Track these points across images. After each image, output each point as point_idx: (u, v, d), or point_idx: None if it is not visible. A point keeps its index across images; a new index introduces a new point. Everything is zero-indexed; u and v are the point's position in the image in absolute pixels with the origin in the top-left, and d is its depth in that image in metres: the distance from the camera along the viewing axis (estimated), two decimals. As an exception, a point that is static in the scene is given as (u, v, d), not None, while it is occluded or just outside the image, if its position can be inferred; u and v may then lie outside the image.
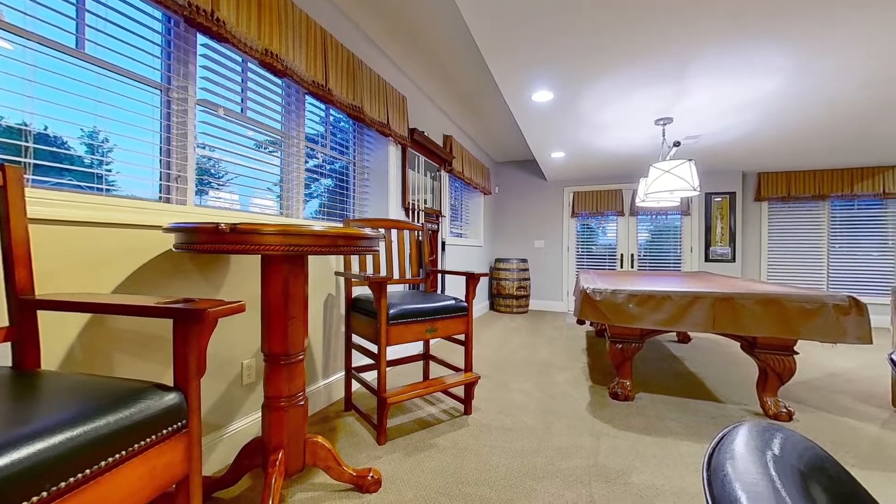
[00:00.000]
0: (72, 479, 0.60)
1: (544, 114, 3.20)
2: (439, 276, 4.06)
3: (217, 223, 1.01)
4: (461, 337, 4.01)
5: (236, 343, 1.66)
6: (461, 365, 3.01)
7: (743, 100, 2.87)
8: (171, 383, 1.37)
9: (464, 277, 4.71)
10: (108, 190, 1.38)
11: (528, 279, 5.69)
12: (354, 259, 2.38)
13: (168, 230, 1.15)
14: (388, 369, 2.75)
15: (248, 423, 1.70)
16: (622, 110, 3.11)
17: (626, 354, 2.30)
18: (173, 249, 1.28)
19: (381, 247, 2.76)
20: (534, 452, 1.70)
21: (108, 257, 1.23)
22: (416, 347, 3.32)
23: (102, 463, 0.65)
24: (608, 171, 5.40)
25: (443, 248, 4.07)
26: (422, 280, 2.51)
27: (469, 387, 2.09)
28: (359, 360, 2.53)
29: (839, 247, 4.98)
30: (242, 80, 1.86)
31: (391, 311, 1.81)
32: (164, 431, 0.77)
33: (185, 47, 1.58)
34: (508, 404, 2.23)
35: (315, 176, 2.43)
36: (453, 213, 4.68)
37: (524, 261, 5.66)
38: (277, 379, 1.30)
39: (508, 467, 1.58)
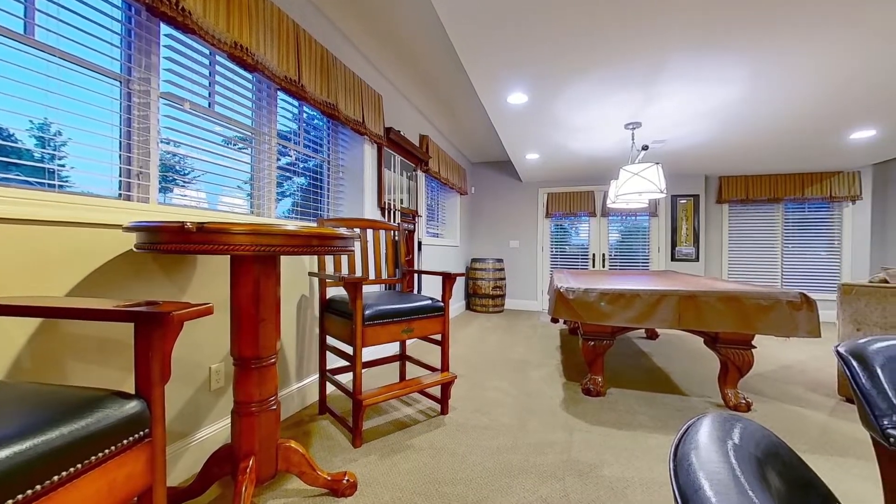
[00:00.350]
0: (20, 497, 0.56)
1: (519, 116, 3.25)
2: (416, 276, 4.05)
3: (183, 222, 0.97)
4: (438, 337, 4.02)
5: (204, 347, 1.59)
6: (438, 365, 3.02)
7: (705, 107, 3.01)
8: (132, 391, 1.30)
9: (440, 277, 4.72)
10: (61, 186, 1.30)
11: (504, 279, 5.76)
12: (329, 259, 2.33)
13: (129, 229, 1.09)
14: (363, 371, 2.72)
15: (216, 430, 1.63)
16: (594, 114, 3.19)
17: (598, 351, 2.37)
18: (134, 250, 1.21)
19: (357, 247, 2.73)
20: (510, 450, 1.72)
21: (62, 258, 1.15)
22: (392, 348, 3.29)
23: (55, 478, 0.61)
24: (581, 173, 5.55)
25: (419, 248, 4.06)
26: (398, 280, 2.49)
27: (446, 386, 2.09)
28: (333, 361, 2.48)
29: (792, 246, 5.31)
30: (210, 73, 1.79)
31: (367, 312, 1.78)
32: (125, 441, 0.73)
33: (147, 37, 1.51)
34: (485, 403, 2.25)
35: (288, 174, 2.37)
36: (430, 213, 4.68)
37: (500, 261, 5.72)
38: (248, 383, 1.26)
39: (485, 465, 1.60)
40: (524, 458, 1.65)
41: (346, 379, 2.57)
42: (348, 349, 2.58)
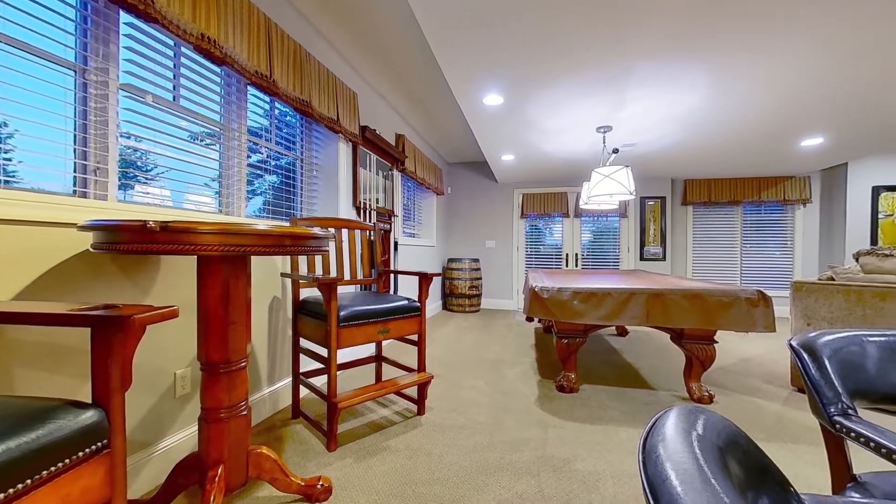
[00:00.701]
0: (-40, 518, 0.52)
1: (495, 117, 3.28)
2: (392, 276, 4.02)
3: (145, 221, 0.92)
4: (414, 337, 4.00)
5: (168, 352, 1.52)
6: (414, 365, 3.00)
7: (671, 113, 3.14)
8: (89, 399, 1.22)
9: (417, 277, 4.71)
10: (7, 182, 1.20)
11: (480, 278, 5.81)
12: (302, 260, 2.28)
13: (84, 228, 1.03)
14: (338, 373, 2.67)
15: (182, 439, 1.56)
16: (567, 117, 3.27)
17: (572, 349, 2.43)
18: (91, 250, 1.14)
19: (331, 247, 2.68)
20: (485, 448, 1.74)
21: (8, 259, 1.07)
22: (367, 349, 3.25)
23: (1, 496, 0.56)
24: (555, 175, 5.66)
25: (395, 248, 4.03)
26: (374, 280, 2.47)
27: (422, 387, 2.09)
28: (307, 364, 2.43)
29: (750, 246, 5.62)
30: (175, 65, 1.72)
31: (342, 313, 1.76)
32: (81, 454, 0.69)
33: (105, 25, 1.42)
34: (461, 402, 2.26)
35: (259, 172, 2.30)
36: (406, 213, 4.65)
37: (476, 260, 5.76)
38: (216, 388, 1.21)
39: (461, 464, 1.60)
40: (500, 456, 1.67)
41: (320, 382, 2.52)
42: (322, 351, 2.53)
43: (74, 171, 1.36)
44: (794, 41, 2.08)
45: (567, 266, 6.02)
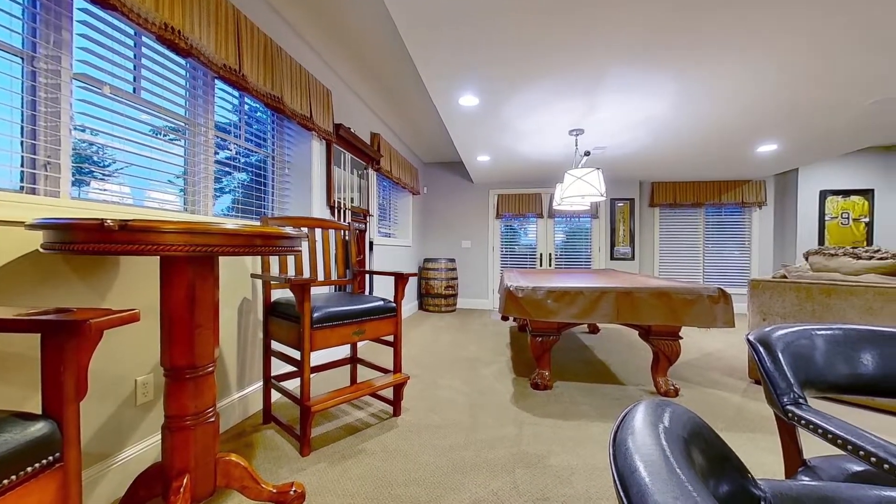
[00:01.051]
0: None
1: (470, 118, 3.31)
2: (367, 276, 3.97)
3: (102, 219, 0.87)
4: (390, 338, 3.97)
5: (128, 358, 1.44)
6: (390, 366, 2.98)
7: (639, 117, 3.26)
8: (39, 410, 1.14)
9: (392, 278, 4.67)
10: (-57, 176, 1.11)
11: (456, 278, 5.83)
12: (274, 260, 2.22)
13: (34, 227, 0.96)
14: (311, 376, 2.61)
15: (144, 449, 1.49)
16: (541, 119, 3.33)
17: (546, 346, 2.48)
18: (41, 250, 1.07)
19: (304, 247, 2.61)
20: (462, 447, 1.75)
21: (-55, 260, 0.98)
22: (342, 351, 3.20)
23: (-64, 518, 0.52)
24: (529, 176, 5.76)
25: (371, 248, 3.98)
26: (349, 281, 2.43)
27: (398, 388, 2.07)
28: (279, 367, 2.36)
29: (711, 246, 5.92)
30: (136, 55, 1.63)
31: (315, 315, 1.72)
32: (30, 469, 0.64)
33: (56, 9, 1.33)
34: (438, 402, 2.26)
35: (227, 169, 2.21)
36: (382, 213, 4.61)
37: (452, 260, 5.78)
38: (182, 395, 1.16)
39: (437, 464, 1.60)
40: (476, 455, 1.68)
41: (292, 385, 2.46)
42: (295, 354, 2.46)
43: (22, 166, 1.27)
44: (752, 56, 2.20)
45: (541, 266, 6.13)
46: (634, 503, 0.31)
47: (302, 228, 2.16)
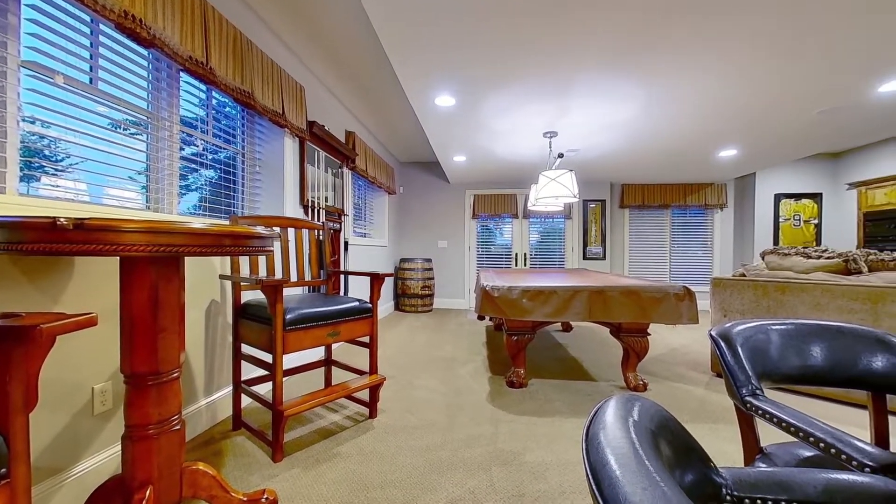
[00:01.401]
0: None
1: (447, 118, 3.31)
2: (342, 277, 3.90)
3: (55, 217, 0.82)
4: (366, 339, 3.92)
5: (85, 365, 1.36)
6: (366, 368, 2.94)
7: (610, 121, 3.37)
8: (-19, 424, 1.05)
9: (368, 278, 4.61)
10: None
11: (433, 278, 5.83)
12: (244, 261, 2.14)
13: (-25, 225, 0.89)
14: (284, 379, 2.54)
15: (102, 461, 1.40)
16: (516, 121, 3.38)
17: (521, 345, 2.51)
18: (-16, 250, 0.99)
19: (276, 247, 2.54)
20: (439, 447, 1.75)
21: None
22: (316, 353, 3.13)
23: None
24: (505, 176, 5.83)
25: (346, 248, 3.92)
26: (323, 282, 2.39)
27: (374, 389, 2.05)
28: (249, 371, 2.29)
29: (677, 246, 6.18)
30: (93, 44, 1.53)
31: (288, 316, 1.68)
32: (-29, 487, 0.59)
33: (2, -8, 1.24)
34: (414, 402, 2.25)
35: (194, 166, 2.12)
36: (357, 213, 4.54)
37: (428, 260, 5.77)
38: (144, 403, 1.10)
39: (414, 465, 1.60)
40: (453, 454, 1.69)
41: (264, 390, 2.38)
42: (267, 357, 2.39)
43: (-39, 159, 1.17)
44: (713, 65, 2.32)
45: (517, 265, 6.22)
46: (606, 495, 0.32)
47: (274, 228, 2.10)
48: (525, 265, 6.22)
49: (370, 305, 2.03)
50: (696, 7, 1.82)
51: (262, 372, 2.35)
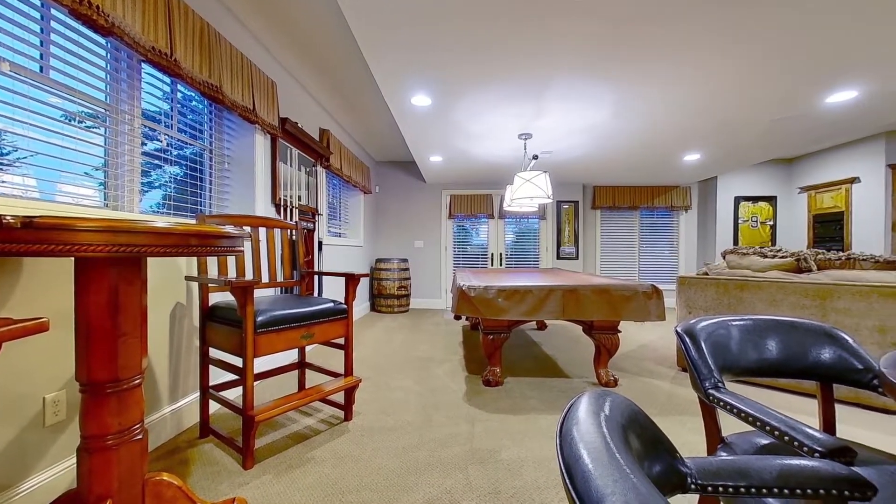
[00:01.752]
0: None
1: (423, 118, 3.31)
2: (316, 277, 3.82)
3: (1, 215, 0.76)
4: (341, 341, 3.85)
5: (35, 373, 1.27)
6: (341, 369, 2.89)
7: (583, 125, 3.46)
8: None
9: (343, 278, 4.54)
10: None
11: (409, 279, 5.80)
12: (213, 261, 2.06)
13: None
14: (255, 383, 2.47)
15: (55, 475, 1.31)
16: (492, 123, 3.41)
17: (497, 344, 2.54)
18: (-83, 251, 0.91)
19: (247, 247, 2.46)
20: (415, 447, 1.74)
21: None
22: (289, 356, 3.06)
23: None
24: (481, 177, 5.88)
25: (320, 249, 3.84)
26: (296, 283, 2.33)
27: (349, 391, 2.02)
28: (218, 376, 2.20)
29: (646, 246, 6.42)
30: (43, 30, 1.44)
31: (259, 319, 1.63)
32: None
33: (-62, -30, 1.14)
34: (390, 404, 2.23)
35: (157, 162, 2.02)
36: (332, 212, 4.46)
37: (405, 260, 5.74)
38: (102, 412, 1.04)
39: (390, 467, 1.59)
40: (429, 454, 1.69)
41: (233, 395, 2.30)
42: (237, 361, 2.31)
43: None
44: (677, 74, 2.42)
45: (492, 265, 6.28)
46: (579, 488, 0.33)
47: (244, 227, 2.04)
48: (501, 265, 6.29)
49: (345, 306, 1.99)
50: (659, 18, 1.89)
51: (231, 377, 2.27)
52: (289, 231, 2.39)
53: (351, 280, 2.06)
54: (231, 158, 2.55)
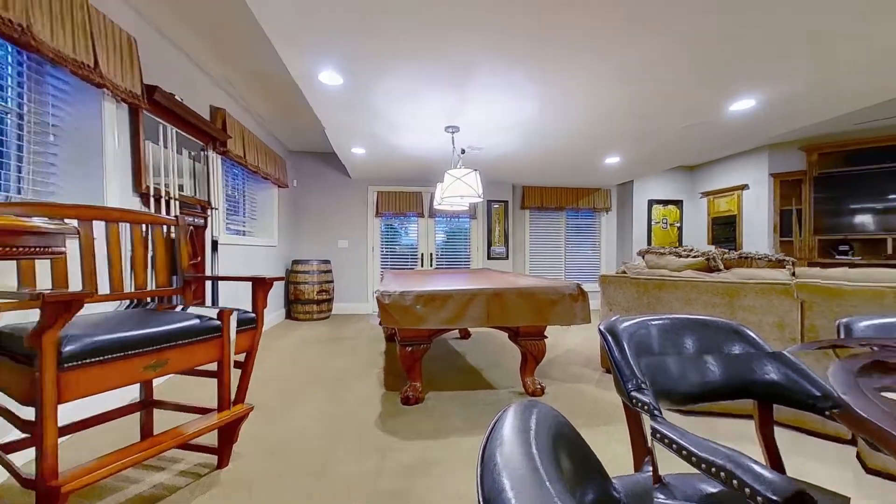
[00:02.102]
0: None
1: (337, 100, 2.91)
2: (209, 284, 3.22)
3: None
4: (213, 367, 3.29)
5: None
6: (214, 402, 2.39)
7: (509, 120, 3.31)
8: None
9: (249, 283, 3.93)
10: None
11: (332, 282, 5.31)
12: (9, 268, 1.50)
13: None
14: (64, 439, 1.83)
15: None
16: (414, 111, 3.12)
17: (416, 356, 2.25)
18: None
19: (76, 247, 1.88)
20: (305, 500, 1.38)
21: None
22: (131, 392, 2.47)
23: None
24: (409, 173, 5.57)
25: (214, 249, 3.25)
26: (176, 291, 1.85)
27: (229, 428, 1.59)
28: (6, 431, 1.58)
29: (571, 246, 6.62)
30: None
31: (69, 348, 1.15)
32: None
33: None
34: (284, 439, 1.83)
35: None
36: (232, 207, 3.84)
37: (326, 262, 5.24)
38: None
39: (264, 535, 1.21)
40: (321, 508, 1.34)
41: (25, 459, 1.63)
42: (29, 412, 1.73)
43: None
44: (596, 72, 2.34)
45: (423, 266, 6.02)
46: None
47: (70, 221, 1.51)
48: (431, 265, 6.05)
49: (218, 323, 1.56)
50: (579, 4, 1.74)
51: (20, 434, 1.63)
52: (164, 228, 1.89)
53: (260, 285, 1.66)
54: (60, 129, 1.94)
